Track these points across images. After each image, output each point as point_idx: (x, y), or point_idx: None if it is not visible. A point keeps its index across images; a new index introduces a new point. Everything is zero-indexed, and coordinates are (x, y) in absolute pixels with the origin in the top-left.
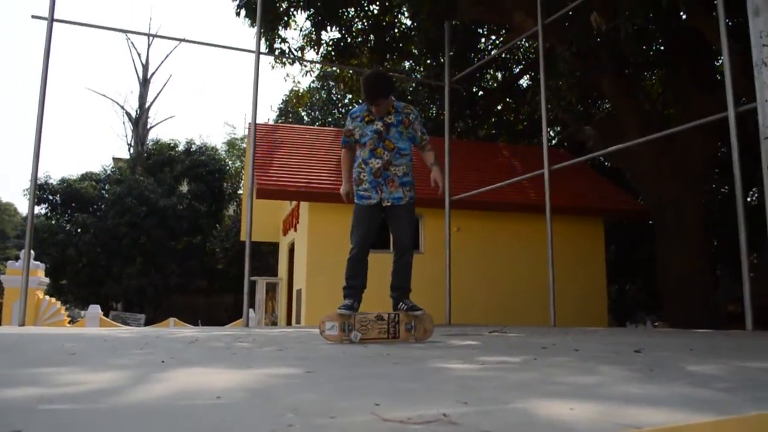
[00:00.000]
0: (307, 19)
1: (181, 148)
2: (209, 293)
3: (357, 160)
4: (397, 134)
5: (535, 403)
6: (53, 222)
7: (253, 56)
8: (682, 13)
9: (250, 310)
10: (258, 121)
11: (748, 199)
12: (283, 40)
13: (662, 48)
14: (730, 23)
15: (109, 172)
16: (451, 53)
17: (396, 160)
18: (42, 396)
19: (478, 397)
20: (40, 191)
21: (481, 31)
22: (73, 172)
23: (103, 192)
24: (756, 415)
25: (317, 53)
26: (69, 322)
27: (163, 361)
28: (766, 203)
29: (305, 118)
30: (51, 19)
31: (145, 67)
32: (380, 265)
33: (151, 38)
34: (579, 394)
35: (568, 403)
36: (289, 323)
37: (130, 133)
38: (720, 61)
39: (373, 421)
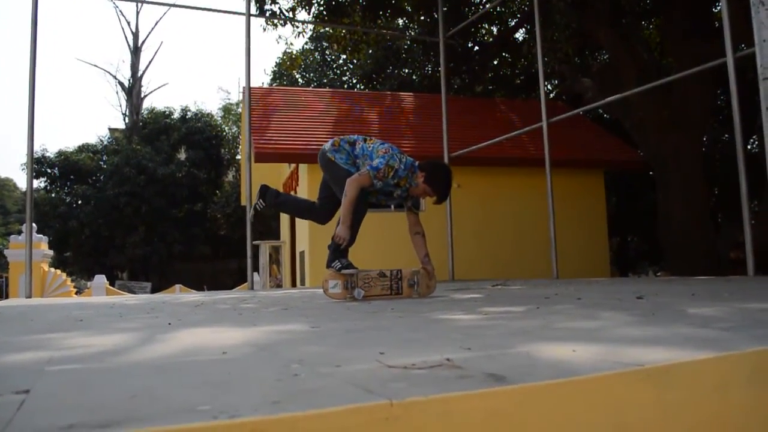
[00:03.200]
0: None
1: (176, 115)
2: (213, 259)
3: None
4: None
5: (537, 346)
6: (53, 195)
7: (243, 19)
8: None
9: (255, 274)
10: (252, 85)
11: (749, 147)
12: (274, 1)
13: None
14: None
15: (105, 142)
16: (445, 8)
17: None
18: (50, 358)
19: (482, 344)
20: (37, 165)
21: None
22: (70, 144)
23: (101, 163)
24: (756, 350)
25: (309, 13)
26: (75, 293)
27: (169, 324)
28: (765, 145)
29: (300, 80)
30: None
31: (135, 35)
32: (377, 223)
33: (139, 5)
34: (581, 337)
35: (570, 345)
36: (293, 285)
37: (124, 103)
38: (718, 8)
39: (378, 368)
